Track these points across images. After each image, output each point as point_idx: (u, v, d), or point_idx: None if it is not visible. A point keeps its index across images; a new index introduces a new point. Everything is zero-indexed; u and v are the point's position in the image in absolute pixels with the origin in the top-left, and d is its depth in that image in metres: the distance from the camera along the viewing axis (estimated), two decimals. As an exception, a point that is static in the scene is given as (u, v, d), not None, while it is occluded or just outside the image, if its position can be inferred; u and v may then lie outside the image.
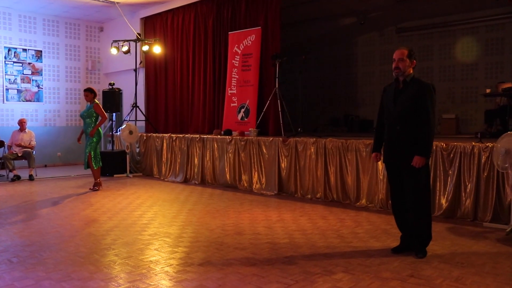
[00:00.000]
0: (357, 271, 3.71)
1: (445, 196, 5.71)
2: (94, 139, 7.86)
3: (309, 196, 7.18)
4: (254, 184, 7.92)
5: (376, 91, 12.96)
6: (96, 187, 8.01)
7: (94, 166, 7.90)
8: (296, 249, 4.37)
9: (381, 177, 6.27)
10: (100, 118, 7.91)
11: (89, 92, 7.94)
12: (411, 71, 4.13)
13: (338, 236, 4.85)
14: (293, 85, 12.95)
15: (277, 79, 8.35)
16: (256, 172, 7.91)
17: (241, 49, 9.27)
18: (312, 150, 7.12)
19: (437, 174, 5.78)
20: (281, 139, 7.59)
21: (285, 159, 7.50)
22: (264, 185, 7.79)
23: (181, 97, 10.85)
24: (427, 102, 3.97)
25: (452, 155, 5.68)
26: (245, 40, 9.20)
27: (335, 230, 5.14)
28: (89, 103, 8.01)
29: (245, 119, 9.07)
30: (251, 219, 5.70)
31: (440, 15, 11.57)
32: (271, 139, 7.74)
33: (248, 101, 9.08)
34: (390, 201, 6.10)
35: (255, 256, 4.14)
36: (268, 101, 8.48)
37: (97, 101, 7.99)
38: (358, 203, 6.57)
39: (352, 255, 4.19)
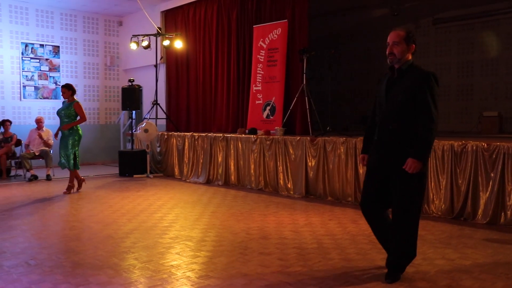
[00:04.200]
0: (391, 280, 3.66)
1: (487, 200, 5.59)
2: (76, 138, 7.73)
3: (339, 199, 7.15)
4: (280, 186, 7.93)
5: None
6: (68, 190, 7.93)
7: (77, 167, 7.87)
8: (325, 255, 4.35)
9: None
10: (78, 118, 7.69)
11: (67, 89, 7.67)
12: (410, 57, 3.57)
13: (370, 242, 4.79)
14: (321, 81, 12.84)
15: (304, 74, 8.33)
16: (282, 173, 7.91)
17: (267, 43, 9.27)
18: (342, 150, 7.07)
19: (478, 177, 5.66)
20: (308, 138, 7.56)
21: (313, 160, 7.47)
22: (290, 187, 7.78)
23: (203, 94, 10.92)
24: (426, 94, 3.41)
25: (494, 156, 5.55)
26: (271, 34, 9.20)
27: (366, 235, 5.08)
28: (66, 101, 7.76)
29: (271, 117, 9.07)
30: (277, 223, 5.70)
31: (482, 4, 11.27)
32: (298, 138, 7.72)
33: (274, 98, 9.08)
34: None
35: (281, 262, 4.14)
36: (295, 98, 8.47)
37: (77, 100, 7.79)
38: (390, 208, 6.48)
39: (384, 262, 4.13)
